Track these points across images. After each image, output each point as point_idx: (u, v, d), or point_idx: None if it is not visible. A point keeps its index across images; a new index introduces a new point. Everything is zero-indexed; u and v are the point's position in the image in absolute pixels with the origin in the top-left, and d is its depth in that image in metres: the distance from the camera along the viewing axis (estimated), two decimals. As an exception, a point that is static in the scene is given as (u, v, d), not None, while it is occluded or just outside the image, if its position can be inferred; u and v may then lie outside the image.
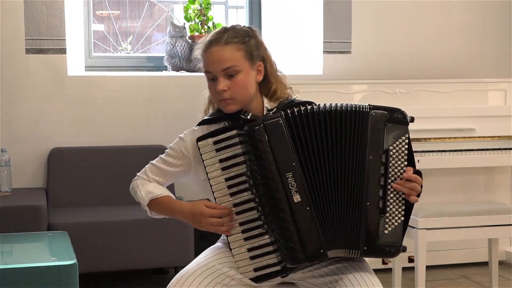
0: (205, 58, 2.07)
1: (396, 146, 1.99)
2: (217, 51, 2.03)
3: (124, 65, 4.51)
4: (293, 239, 1.95)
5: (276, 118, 2.00)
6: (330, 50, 4.42)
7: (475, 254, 4.17)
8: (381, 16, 4.50)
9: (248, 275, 2.05)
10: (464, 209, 3.38)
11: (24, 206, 3.49)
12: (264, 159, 1.96)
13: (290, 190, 1.96)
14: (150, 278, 3.98)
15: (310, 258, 1.97)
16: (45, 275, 2.48)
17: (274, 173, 1.96)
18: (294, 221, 1.95)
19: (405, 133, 2.00)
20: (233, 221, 2.04)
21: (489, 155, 3.93)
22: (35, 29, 4.04)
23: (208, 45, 2.05)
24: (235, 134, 2.03)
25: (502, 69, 4.63)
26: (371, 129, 1.98)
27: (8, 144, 3.97)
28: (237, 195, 2.04)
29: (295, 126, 1.99)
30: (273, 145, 1.97)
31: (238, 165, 2.03)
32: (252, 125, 1.99)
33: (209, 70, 2.06)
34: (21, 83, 4.04)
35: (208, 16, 4.48)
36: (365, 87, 4.13)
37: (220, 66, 2.03)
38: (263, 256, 2.03)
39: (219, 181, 2.04)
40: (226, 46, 2.03)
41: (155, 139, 4.18)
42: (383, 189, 1.97)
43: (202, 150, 2.04)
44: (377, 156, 1.97)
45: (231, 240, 2.05)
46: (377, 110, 2.00)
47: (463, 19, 4.63)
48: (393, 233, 1.97)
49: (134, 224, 3.61)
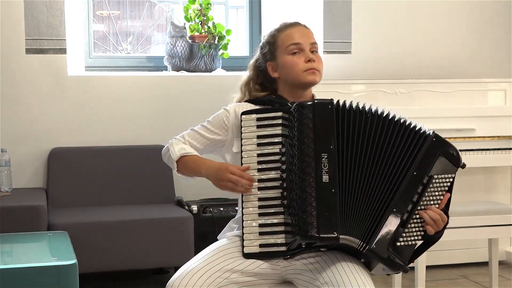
0: (292, 32, 2.24)
1: (442, 178, 2.05)
2: (304, 29, 2.27)
3: (124, 65, 4.51)
4: (312, 213, 1.97)
5: (327, 101, 2.08)
6: (330, 50, 4.42)
7: (475, 254, 4.17)
8: (381, 16, 4.50)
9: (252, 249, 2.07)
10: (464, 209, 3.38)
11: (24, 206, 3.49)
12: (305, 134, 2.02)
13: (322, 170, 2.00)
14: (150, 278, 3.98)
15: (322, 237, 1.98)
16: (45, 275, 2.48)
17: (311, 149, 2.01)
18: (317, 198, 1.98)
19: (453, 173, 2.07)
20: (252, 195, 2.08)
21: (489, 155, 3.93)
22: (35, 29, 4.04)
23: (294, 24, 2.27)
24: (280, 116, 2.09)
25: (502, 69, 4.62)
26: (425, 151, 2.04)
27: (8, 144, 3.97)
28: (264, 172, 2.08)
29: (345, 115, 2.06)
30: (317, 125, 2.03)
31: (273, 144, 2.09)
32: (303, 101, 2.09)
33: (299, 42, 2.22)
34: (21, 83, 4.04)
35: (208, 16, 4.48)
36: (365, 87, 4.13)
37: (310, 40, 2.23)
38: (272, 234, 2.06)
39: (251, 155, 2.10)
40: (308, 28, 2.29)
41: (155, 139, 4.18)
42: (412, 205, 2.02)
43: (243, 123, 2.11)
44: (421, 175, 2.03)
45: (246, 213, 2.08)
46: (439, 139, 2.07)
47: (463, 19, 4.63)
48: (404, 249, 2.02)
49: (134, 224, 3.61)
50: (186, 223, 3.65)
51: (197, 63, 4.44)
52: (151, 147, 4.11)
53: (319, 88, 2.31)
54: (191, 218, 3.68)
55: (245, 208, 2.08)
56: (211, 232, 3.55)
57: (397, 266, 2.02)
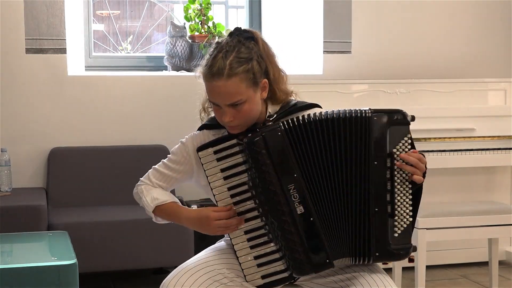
0: (208, 88, 2.00)
1: (400, 148, 1.97)
2: (220, 87, 1.95)
3: (124, 65, 4.51)
4: (298, 250, 1.94)
5: (275, 128, 1.95)
6: (330, 50, 4.42)
7: (475, 254, 4.17)
8: (381, 16, 4.50)
9: (256, 283, 2.04)
10: (464, 209, 3.37)
11: (24, 206, 3.49)
12: (265, 171, 1.94)
13: (293, 202, 1.93)
14: (150, 278, 3.98)
15: (316, 268, 1.96)
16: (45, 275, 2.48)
17: (276, 186, 1.94)
18: (298, 232, 1.94)
19: (406, 133, 1.98)
20: (239, 228, 2.03)
21: (489, 155, 3.93)
22: (35, 29, 4.04)
23: (210, 77, 1.96)
24: (235, 143, 2.00)
25: (502, 69, 4.62)
26: (374, 135, 1.95)
27: (8, 144, 3.97)
28: (241, 204, 2.02)
29: (295, 135, 1.95)
30: (274, 157, 1.94)
31: (240, 174, 2.01)
32: (251, 137, 1.95)
33: (213, 101, 2.00)
34: (21, 83, 4.04)
35: (208, 16, 4.48)
36: (365, 87, 4.13)
37: (225, 101, 1.96)
38: (270, 263, 2.02)
39: (222, 191, 2.03)
40: (230, 80, 1.94)
41: (155, 139, 4.18)
42: (390, 194, 1.96)
43: (203, 160, 2.03)
44: (382, 161, 1.95)
45: (237, 249, 2.04)
46: (378, 113, 1.96)
47: (463, 19, 4.63)
48: (402, 235, 1.97)
49: (134, 224, 3.61)
50: (186, 223, 3.65)
51: (197, 63, 4.44)
52: (151, 147, 4.11)
53: (319, 88, 2.29)
54: (191, 218, 3.68)
55: (235, 244, 2.04)
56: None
57: (404, 254, 1.97)
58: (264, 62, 2.02)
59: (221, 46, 2.00)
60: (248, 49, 1.99)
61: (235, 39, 2.01)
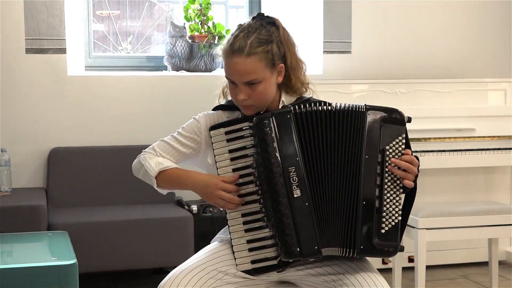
0: (227, 65, 2.06)
1: (393, 146, 2.00)
2: (239, 63, 2.02)
3: (124, 65, 4.51)
4: (289, 233, 1.97)
5: (285, 111, 2.02)
6: (330, 50, 4.42)
7: (475, 254, 4.17)
8: (381, 16, 4.50)
9: (245, 267, 2.06)
10: (464, 209, 3.38)
11: (24, 206, 3.48)
12: (269, 151, 1.99)
13: (291, 185, 1.97)
14: (150, 278, 3.98)
15: (303, 253, 1.98)
16: (45, 275, 2.48)
17: (277, 166, 1.98)
18: (292, 215, 1.97)
19: (402, 133, 2.00)
20: (237, 210, 2.06)
21: (489, 155, 3.94)
22: (35, 29, 4.04)
23: (231, 53, 2.03)
24: (247, 126, 2.05)
25: (502, 69, 4.62)
26: (367, 129, 1.99)
27: (8, 144, 3.97)
28: (243, 186, 2.05)
29: (301, 123, 2.01)
30: (279, 139, 1.99)
31: (246, 157, 2.05)
32: (260, 116, 2.02)
33: (230, 78, 2.06)
34: (21, 83, 4.04)
35: (208, 16, 4.48)
36: (365, 87, 4.13)
37: (242, 79, 2.03)
38: (262, 249, 2.05)
39: (227, 171, 2.07)
40: (249, 58, 2.01)
41: (155, 139, 4.12)
42: (379, 189, 1.98)
43: (213, 139, 2.07)
44: (373, 155, 1.98)
45: (232, 230, 2.06)
46: (374, 110, 2.01)
47: (463, 19, 4.63)
48: (390, 232, 1.98)
49: (134, 224, 3.61)
50: (186, 223, 3.65)
51: (197, 63, 4.45)
52: (151, 147, 4.11)
53: (319, 88, 2.30)
54: (191, 218, 3.68)
55: (231, 226, 2.06)
56: (211, 232, 3.52)
57: (391, 252, 1.99)
58: (283, 47, 2.10)
59: (244, 27, 2.09)
60: (269, 32, 2.07)
61: (258, 22, 2.10)
